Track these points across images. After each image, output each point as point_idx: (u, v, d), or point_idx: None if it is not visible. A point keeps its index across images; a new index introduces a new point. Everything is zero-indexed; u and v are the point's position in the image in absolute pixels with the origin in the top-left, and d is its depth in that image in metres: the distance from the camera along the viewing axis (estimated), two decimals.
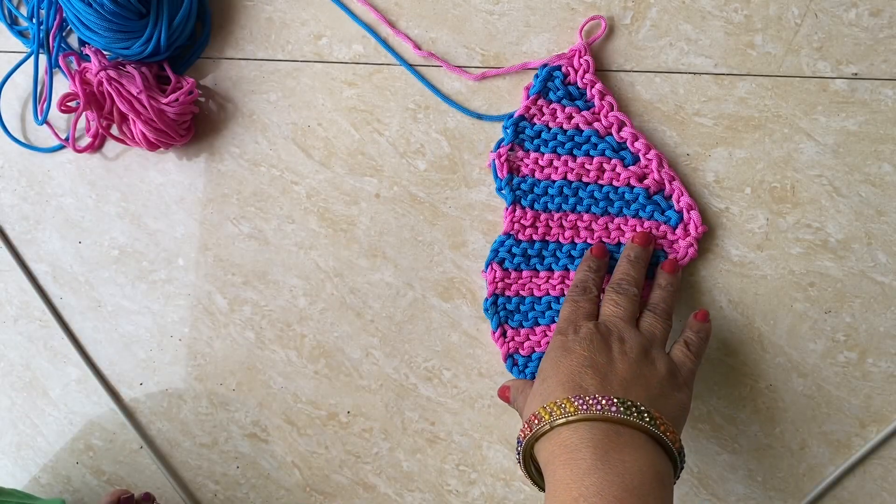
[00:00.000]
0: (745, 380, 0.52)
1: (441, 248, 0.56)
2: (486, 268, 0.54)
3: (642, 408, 0.41)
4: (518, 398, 0.50)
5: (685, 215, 0.52)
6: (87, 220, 0.60)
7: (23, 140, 0.61)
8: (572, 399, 0.42)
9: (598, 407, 0.41)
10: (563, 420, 0.41)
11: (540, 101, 0.53)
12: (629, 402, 0.41)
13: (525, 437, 0.43)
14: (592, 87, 0.52)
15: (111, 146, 0.60)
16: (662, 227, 0.52)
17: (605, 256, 0.51)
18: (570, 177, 0.53)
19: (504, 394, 0.52)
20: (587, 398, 0.42)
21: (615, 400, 0.41)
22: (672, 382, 0.45)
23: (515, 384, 0.52)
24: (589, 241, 0.53)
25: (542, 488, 0.44)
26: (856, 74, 0.51)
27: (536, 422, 0.43)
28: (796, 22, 0.51)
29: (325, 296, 0.57)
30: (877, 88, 0.51)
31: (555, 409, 0.42)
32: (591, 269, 0.51)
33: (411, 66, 0.55)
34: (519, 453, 0.44)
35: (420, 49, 0.55)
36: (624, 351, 0.45)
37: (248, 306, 0.58)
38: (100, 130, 0.58)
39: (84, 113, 0.57)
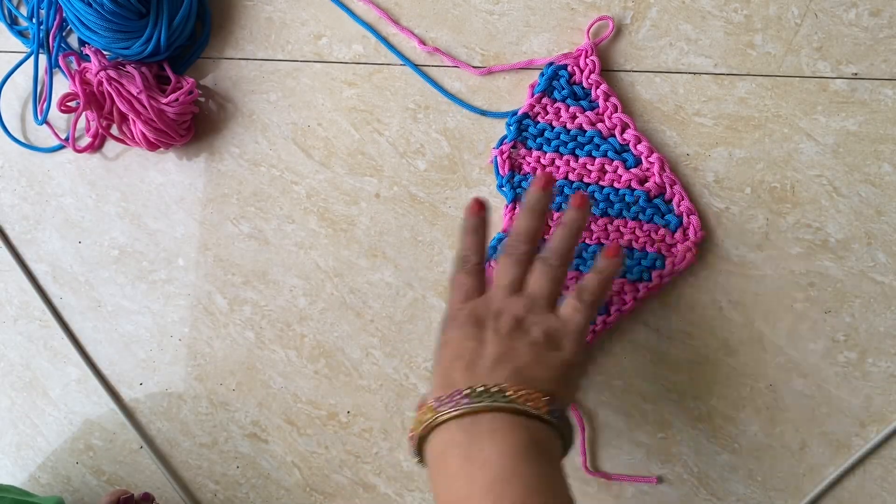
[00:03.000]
0: (745, 380, 0.52)
1: (441, 248, 0.56)
2: (485, 265, 0.54)
3: (494, 389, 0.40)
4: None
5: (685, 219, 0.52)
6: (87, 220, 0.60)
7: (23, 140, 0.61)
8: (432, 403, 0.41)
9: (451, 404, 0.40)
10: (425, 430, 0.41)
11: (544, 100, 0.53)
12: (481, 388, 0.40)
13: (412, 451, 0.43)
14: (597, 87, 0.52)
15: (111, 146, 0.60)
16: (661, 231, 0.52)
17: (481, 212, 0.47)
18: (572, 177, 0.53)
19: None
20: (443, 398, 0.41)
21: (466, 391, 0.40)
22: (550, 343, 0.43)
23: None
24: (587, 241, 0.53)
25: None
26: (856, 74, 0.51)
27: (412, 437, 0.42)
28: (796, 22, 0.51)
29: (325, 296, 0.57)
30: (877, 88, 0.51)
31: (420, 417, 0.41)
32: (466, 231, 0.46)
33: (413, 64, 0.55)
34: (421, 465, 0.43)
35: (425, 44, 0.55)
36: (497, 328, 0.43)
37: (248, 306, 0.58)
38: (100, 130, 0.58)
39: (84, 113, 0.57)
